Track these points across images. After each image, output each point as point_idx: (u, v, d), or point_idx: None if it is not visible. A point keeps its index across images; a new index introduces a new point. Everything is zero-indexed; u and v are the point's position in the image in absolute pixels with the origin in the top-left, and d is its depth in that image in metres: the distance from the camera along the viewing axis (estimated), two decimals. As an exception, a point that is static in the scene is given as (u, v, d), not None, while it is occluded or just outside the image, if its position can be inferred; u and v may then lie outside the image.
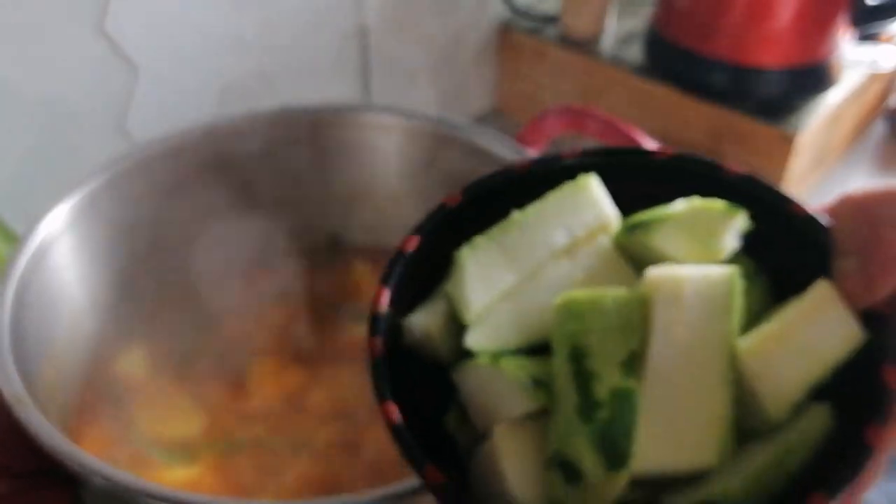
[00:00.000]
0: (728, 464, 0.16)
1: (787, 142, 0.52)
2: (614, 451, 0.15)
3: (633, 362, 0.16)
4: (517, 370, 0.16)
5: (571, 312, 0.16)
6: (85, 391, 0.30)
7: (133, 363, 0.32)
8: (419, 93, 0.57)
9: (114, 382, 0.31)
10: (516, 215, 0.19)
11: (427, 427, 0.17)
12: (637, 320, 0.16)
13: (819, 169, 0.60)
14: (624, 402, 0.15)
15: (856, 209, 0.17)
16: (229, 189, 0.34)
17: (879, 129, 0.66)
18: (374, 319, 0.18)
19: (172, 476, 0.28)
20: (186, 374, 0.31)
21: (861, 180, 0.61)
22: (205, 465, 0.28)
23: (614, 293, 0.16)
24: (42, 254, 0.28)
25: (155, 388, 0.31)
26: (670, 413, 0.16)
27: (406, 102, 0.35)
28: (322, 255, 0.37)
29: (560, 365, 0.16)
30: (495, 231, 0.19)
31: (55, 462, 0.22)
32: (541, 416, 0.16)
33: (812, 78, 0.53)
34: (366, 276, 0.36)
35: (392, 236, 0.39)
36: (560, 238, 0.18)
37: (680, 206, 0.17)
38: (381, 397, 0.17)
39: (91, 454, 0.22)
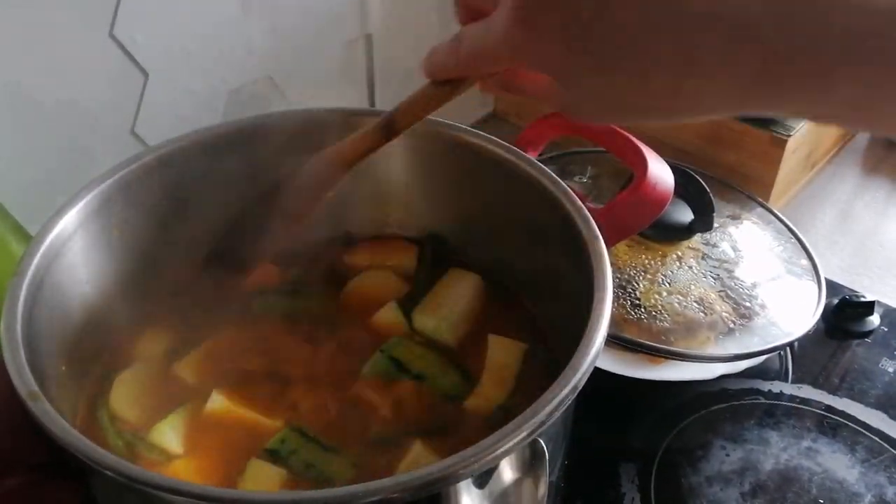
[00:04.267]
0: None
1: (778, 145, 0.53)
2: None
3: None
4: None
5: None
6: (96, 386, 0.31)
7: (143, 359, 0.32)
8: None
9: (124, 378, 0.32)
10: None
11: None
12: None
13: (809, 171, 0.61)
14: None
15: None
16: (237, 189, 0.35)
17: (865, 133, 0.67)
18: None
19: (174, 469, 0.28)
20: (196, 371, 0.32)
21: (849, 181, 0.62)
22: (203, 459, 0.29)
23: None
24: (55, 253, 0.29)
25: (164, 383, 0.31)
26: None
27: (408, 106, 0.36)
28: (327, 252, 0.37)
29: None
30: None
31: (67, 455, 0.22)
32: None
33: (802, 83, 0.54)
34: (369, 270, 0.37)
35: (395, 233, 0.40)
36: None
37: None
38: None
39: (101, 447, 0.22)
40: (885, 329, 0.47)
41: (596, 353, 0.25)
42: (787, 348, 0.45)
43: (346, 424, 0.29)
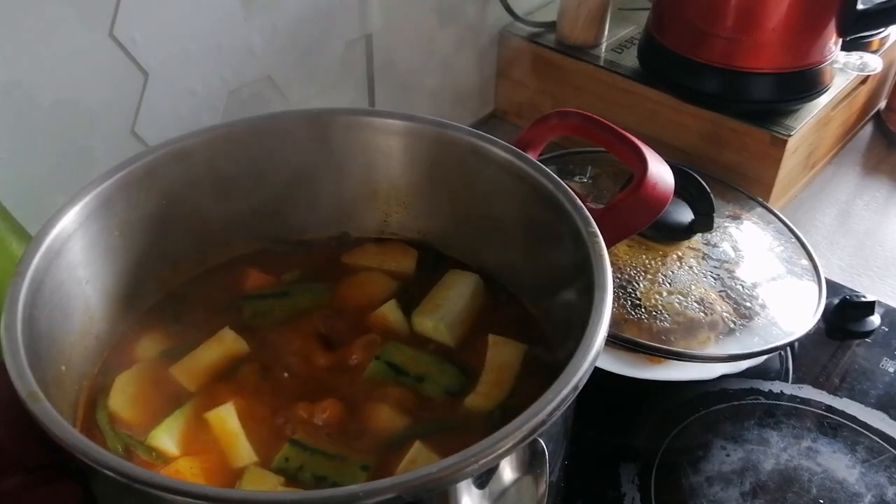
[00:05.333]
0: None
1: (778, 144, 0.53)
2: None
3: None
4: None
5: None
6: (95, 387, 0.31)
7: (143, 360, 0.32)
8: (421, 97, 0.58)
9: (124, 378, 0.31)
10: None
11: None
12: None
13: (809, 171, 0.61)
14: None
15: None
16: (237, 189, 0.35)
17: (867, 131, 0.67)
18: None
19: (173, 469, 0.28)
20: (193, 373, 0.32)
21: (849, 181, 0.62)
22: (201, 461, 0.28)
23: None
24: (55, 253, 0.28)
25: (163, 384, 0.31)
26: None
27: (408, 106, 0.36)
28: (324, 253, 0.37)
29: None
30: None
31: (67, 456, 0.22)
32: None
33: (803, 82, 0.54)
34: (370, 271, 0.37)
35: (395, 233, 0.40)
36: None
37: None
38: None
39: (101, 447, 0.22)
40: (886, 329, 0.47)
41: (596, 352, 0.25)
42: (788, 348, 0.45)
43: (348, 429, 0.29)
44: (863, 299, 0.47)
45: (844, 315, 0.47)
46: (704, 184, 0.46)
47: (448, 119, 0.35)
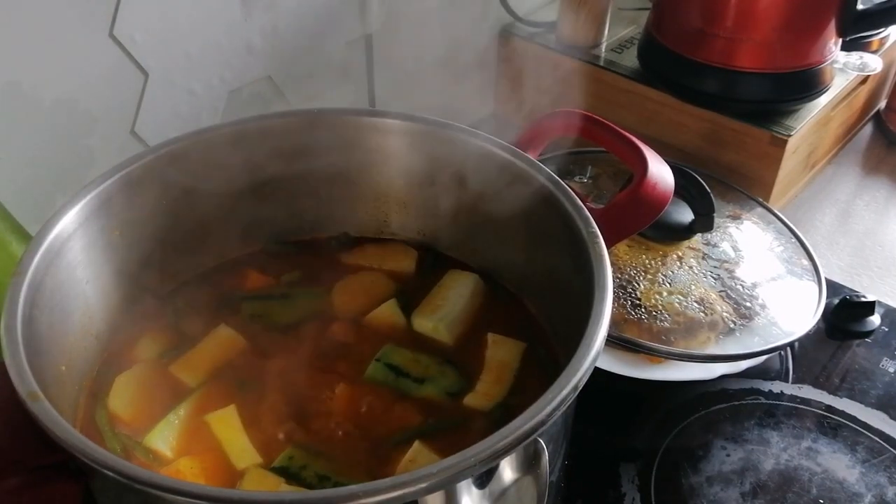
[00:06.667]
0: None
1: (778, 145, 0.53)
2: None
3: None
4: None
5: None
6: (95, 387, 0.31)
7: (143, 360, 0.32)
8: (421, 97, 0.58)
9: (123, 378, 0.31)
10: None
11: None
12: None
13: (809, 171, 0.61)
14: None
15: None
16: (237, 189, 0.35)
17: (867, 131, 0.67)
18: None
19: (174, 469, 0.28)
20: (192, 372, 0.32)
21: (849, 181, 0.62)
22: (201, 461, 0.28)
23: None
24: (54, 253, 0.29)
25: (162, 383, 0.31)
26: None
27: (408, 106, 0.36)
28: (328, 252, 0.37)
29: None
30: None
31: (67, 456, 0.22)
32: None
33: (803, 82, 0.54)
34: (370, 271, 0.37)
35: (394, 233, 0.40)
36: None
37: None
38: None
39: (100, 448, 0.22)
40: (886, 329, 0.47)
41: (596, 352, 0.25)
42: (788, 348, 0.45)
43: (349, 430, 0.29)
44: (863, 299, 0.47)
45: (844, 315, 0.47)
46: (704, 184, 0.46)
47: (448, 119, 0.35)
